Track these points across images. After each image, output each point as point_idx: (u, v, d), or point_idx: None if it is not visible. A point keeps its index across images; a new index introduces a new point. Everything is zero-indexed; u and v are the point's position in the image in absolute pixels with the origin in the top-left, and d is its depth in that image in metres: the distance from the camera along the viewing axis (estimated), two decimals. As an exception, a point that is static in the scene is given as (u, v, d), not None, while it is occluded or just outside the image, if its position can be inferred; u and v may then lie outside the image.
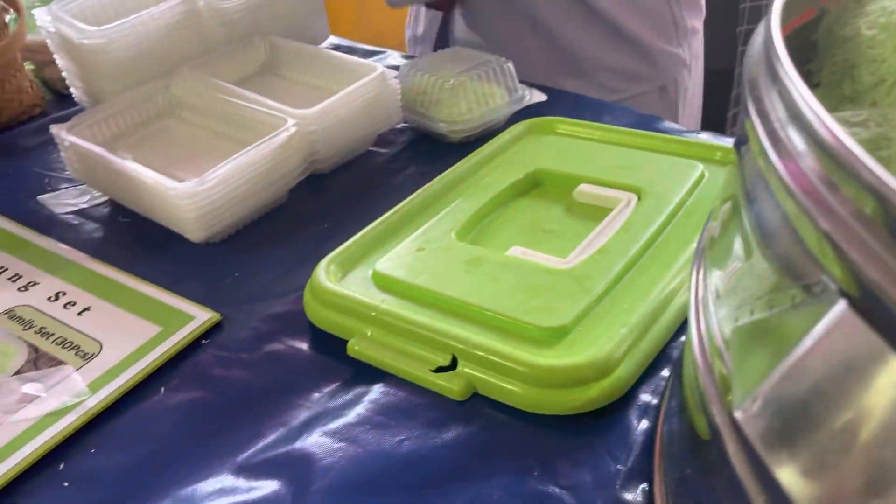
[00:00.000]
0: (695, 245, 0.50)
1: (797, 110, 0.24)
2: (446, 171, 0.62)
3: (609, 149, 0.64)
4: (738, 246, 0.30)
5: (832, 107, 0.36)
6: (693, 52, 0.98)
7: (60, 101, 0.83)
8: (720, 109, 1.54)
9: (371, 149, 0.71)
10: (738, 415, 0.24)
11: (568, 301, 0.46)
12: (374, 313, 0.46)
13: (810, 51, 0.38)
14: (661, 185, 0.57)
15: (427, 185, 0.60)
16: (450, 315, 0.47)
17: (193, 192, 0.54)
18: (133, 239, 0.60)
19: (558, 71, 0.91)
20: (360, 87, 0.65)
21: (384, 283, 0.50)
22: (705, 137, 0.70)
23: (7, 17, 0.79)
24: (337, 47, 0.92)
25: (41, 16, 0.70)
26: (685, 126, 1.03)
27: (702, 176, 0.59)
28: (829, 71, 0.35)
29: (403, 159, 0.71)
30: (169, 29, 0.69)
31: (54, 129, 0.61)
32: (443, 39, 1.02)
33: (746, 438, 0.24)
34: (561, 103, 0.78)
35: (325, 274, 0.50)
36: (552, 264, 0.50)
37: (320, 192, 0.66)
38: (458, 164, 0.63)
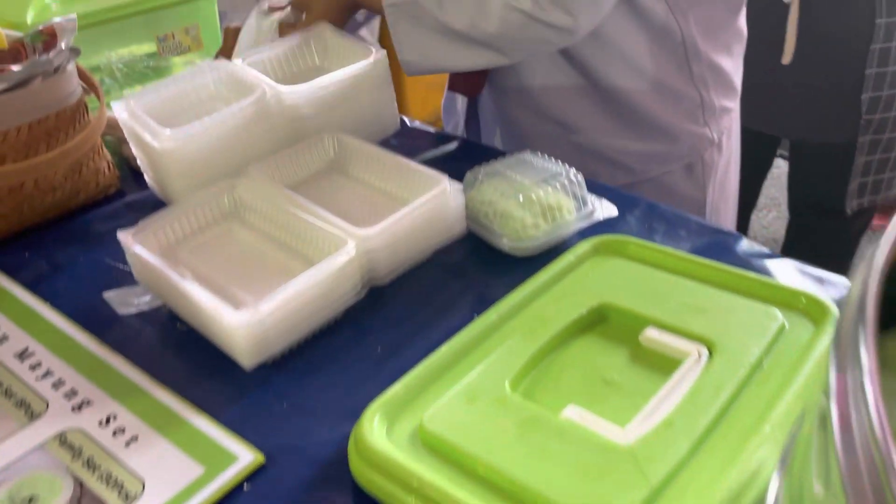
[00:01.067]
0: (767, 428, 0.46)
1: (863, 394, 0.22)
2: (504, 299, 0.59)
3: (681, 282, 0.60)
4: (821, 461, 0.27)
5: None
6: (723, 129, 0.95)
7: (136, 179, 0.85)
8: (840, 183, 1.45)
9: (432, 256, 0.70)
10: None
11: (624, 490, 0.42)
12: (416, 484, 0.44)
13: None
14: (735, 337, 0.53)
15: (483, 315, 0.58)
16: (497, 492, 0.44)
17: (247, 323, 0.53)
18: (188, 352, 0.60)
19: (581, 157, 0.89)
20: (423, 202, 0.63)
21: (431, 443, 0.48)
22: (790, 267, 0.65)
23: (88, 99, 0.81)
24: (408, 132, 0.91)
25: (118, 110, 0.72)
26: (719, 206, 0.98)
27: (781, 328, 0.54)
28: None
29: (464, 270, 0.69)
30: (239, 129, 0.70)
31: (121, 236, 0.62)
32: (474, 117, 1.01)
33: None
34: (633, 211, 0.75)
35: (369, 426, 0.48)
36: (610, 436, 0.46)
37: (377, 306, 0.64)
38: (518, 289, 0.60)
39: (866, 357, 0.24)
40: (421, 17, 0.77)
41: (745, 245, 0.69)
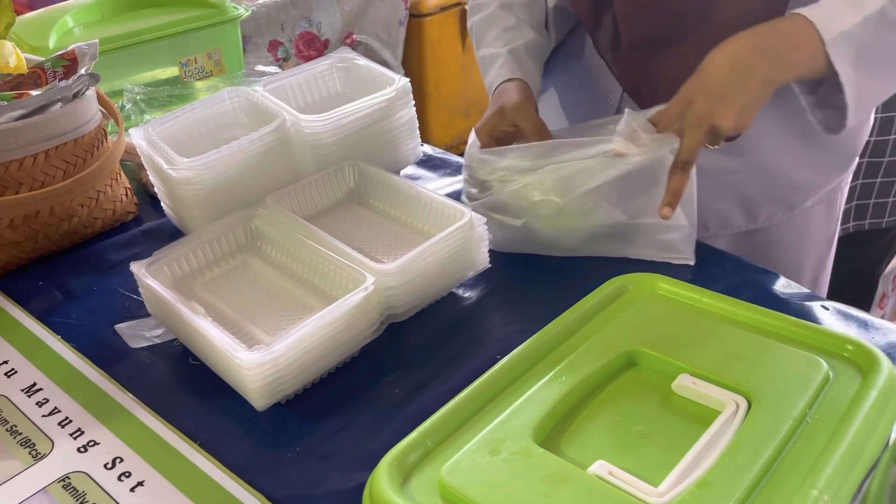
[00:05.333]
0: (814, 491, 0.42)
1: None
2: (529, 341, 0.56)
3: (716, 326, 0.57)
4: None
5: None
6: None
7: (154, 206, 0.83)
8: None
9: (453, 290, 0.67)
10: None
11: (659, 558, 0.39)
12: (434, 545, 0.41)
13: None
14: (776, 388, 0.50)
15: (506, 358, 0.55)
16: (520, 555, 0.41)
17: (259, 363, 0.51)
18: (199, 389, 0.58)
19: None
20: (445, 237, 0.61)
21: (450, 498, 0.45)
22: (832, 309, 0.62)
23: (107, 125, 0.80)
24: (429, 159, 0.89)
25: (137, 137, 0.70)
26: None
27: (826, 378, 0.51)
28: None
29: (487, 306, 0.66)
30: (258, 158, 0.68)
31: (134, 268, 0.60)
32: None
33: None
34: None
35: (386, 479, 0.45)
36: (642, 495, 0.43)
37: (396, 342, 0.62)
38: (543, 330, 0.57)
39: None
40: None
41: (780, 284, 0.66)
